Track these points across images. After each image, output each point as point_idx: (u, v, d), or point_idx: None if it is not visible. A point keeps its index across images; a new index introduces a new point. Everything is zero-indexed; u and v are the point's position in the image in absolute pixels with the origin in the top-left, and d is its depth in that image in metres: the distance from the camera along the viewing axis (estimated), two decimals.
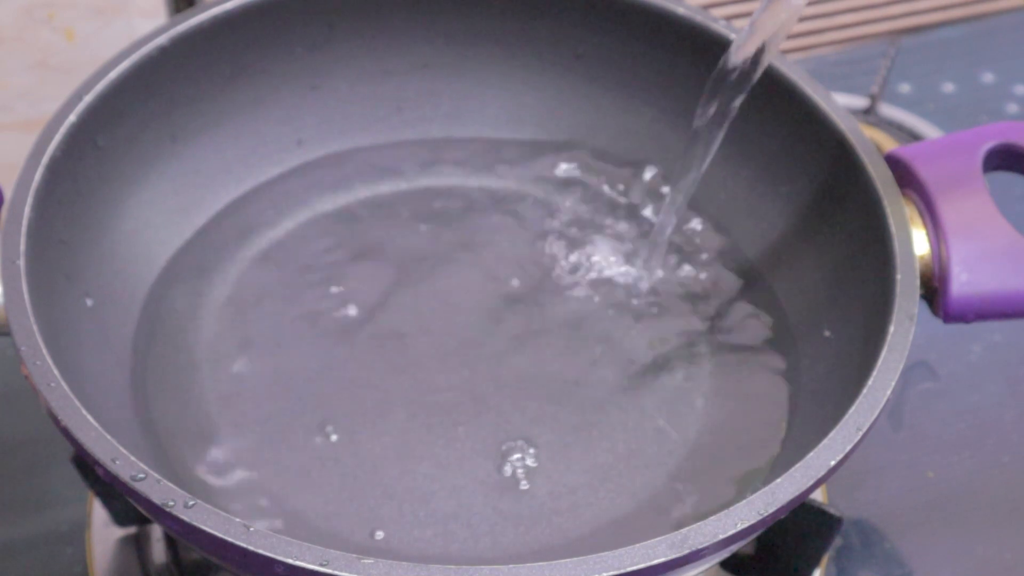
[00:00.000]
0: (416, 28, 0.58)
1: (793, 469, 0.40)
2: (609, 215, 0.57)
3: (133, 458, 0.38)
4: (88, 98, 0.49)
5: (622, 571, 0.37)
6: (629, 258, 0.56)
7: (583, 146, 0.59)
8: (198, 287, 0.53)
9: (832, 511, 0.49)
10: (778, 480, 0.40)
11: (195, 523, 0.37)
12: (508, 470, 0.48)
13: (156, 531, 0.53)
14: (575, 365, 0.52)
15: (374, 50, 0.58)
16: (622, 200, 0.58)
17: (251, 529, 0.37)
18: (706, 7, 0.71)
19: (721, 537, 0.38)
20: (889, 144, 0.71)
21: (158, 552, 0.52)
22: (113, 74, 0.50)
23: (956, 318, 0.48)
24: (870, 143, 0.50)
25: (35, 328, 0.42)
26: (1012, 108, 0.76)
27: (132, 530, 0.53)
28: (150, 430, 0.48)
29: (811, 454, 0.41)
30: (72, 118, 0.48)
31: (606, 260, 0.56)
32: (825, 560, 0.54)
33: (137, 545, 0.53)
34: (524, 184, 0.58)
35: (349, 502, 0.46)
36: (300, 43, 0.56)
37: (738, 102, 0.49)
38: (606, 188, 0.58)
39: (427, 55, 0.59)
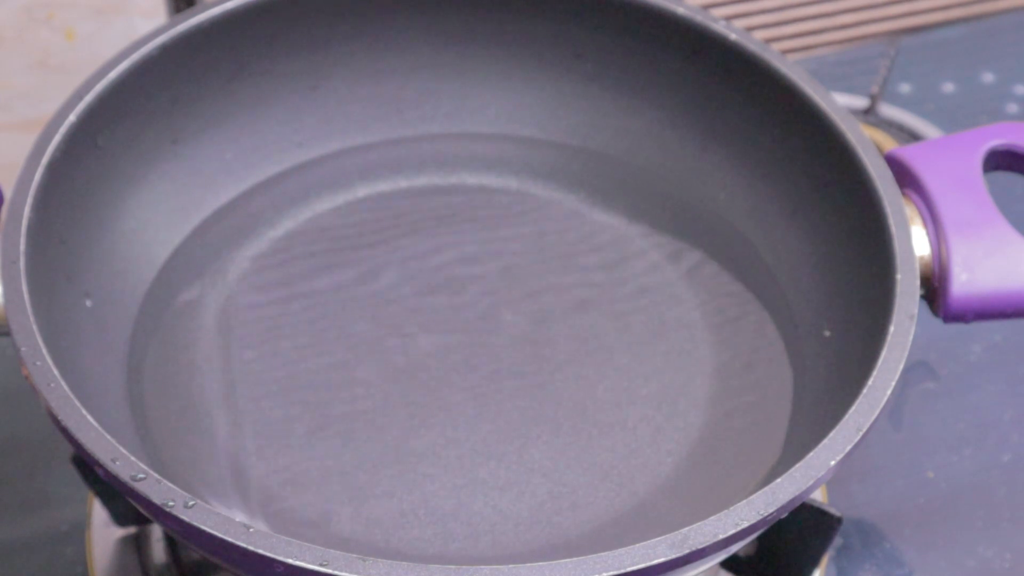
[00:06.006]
0: (416, 28, 0.58)
1: (793, 469, 0.40)
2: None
3: (133, 458, 0.38)
4: (88, 98, 0.49)
5: (622, 571, 0.37)
6: None
7: (582, 146, 0.59)
8: (198, 287, 0.53)
9: (832, 511, 0.49)
10: (778, 480, 0.40)
11: (195, 523, 0.37)
12: (508, 469, 0.48)
13: (156, 531, 0.53)
14: (576, 363, 0.52)
15: (374, 50, 0.58)
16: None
17: (251, 529, 0.37)
18: (706, 7, 0.71)
19: (721, 537, 0.38)
20: (889, 144, 0.71)
21: (158, 552, 0.52)
22: (113, 74, 0.50)
23: (956, 318, 0.48)
24: (870, 143, 0.50)
25: (35, 328, 0.42)
26: (1012, 108, 0.76)
27: (132, 530, 0.53)
28: (148, 429, 0.48)
29: (811, 454, 0.41)
30: (72, 118, 0.48)
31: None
32: (825, 560, 0.53)
33: (137, 545, 0.53)
34: (524, 183, 0.58)
35: (349, 502, 0.46)
36: (300, 43, 0.56)
37: None
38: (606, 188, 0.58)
39: (427, 55, 0.59)
